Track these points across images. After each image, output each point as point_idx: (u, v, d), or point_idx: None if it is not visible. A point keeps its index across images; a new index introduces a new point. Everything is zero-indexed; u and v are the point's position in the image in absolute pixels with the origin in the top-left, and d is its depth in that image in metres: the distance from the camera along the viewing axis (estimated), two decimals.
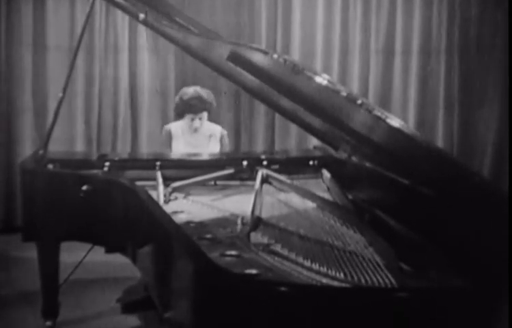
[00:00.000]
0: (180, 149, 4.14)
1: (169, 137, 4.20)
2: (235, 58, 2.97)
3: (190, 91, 4.09)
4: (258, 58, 2.91)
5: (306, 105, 3.00)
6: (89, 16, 3.71)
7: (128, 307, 3.94)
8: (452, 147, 6.11)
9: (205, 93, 4.09)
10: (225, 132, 4.29)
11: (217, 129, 4.25)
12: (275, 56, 2.74)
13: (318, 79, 2.56)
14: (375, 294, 2.02)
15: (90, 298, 4.12)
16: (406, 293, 1.98)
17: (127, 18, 5.58)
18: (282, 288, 1.93)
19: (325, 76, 2.57)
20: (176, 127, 4.21)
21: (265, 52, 2.82)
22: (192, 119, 4.08)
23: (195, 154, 3.99)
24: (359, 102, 2.45)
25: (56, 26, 5.70)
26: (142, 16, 3.30)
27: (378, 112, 2.37)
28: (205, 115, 4.10)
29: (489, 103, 6.10)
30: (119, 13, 5.50)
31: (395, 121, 2.34)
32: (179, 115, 4.16)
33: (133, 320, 3.85)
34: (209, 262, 2.11)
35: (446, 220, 2.31)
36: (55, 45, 5.69)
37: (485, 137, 6.13)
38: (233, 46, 3.00)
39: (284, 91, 3.03)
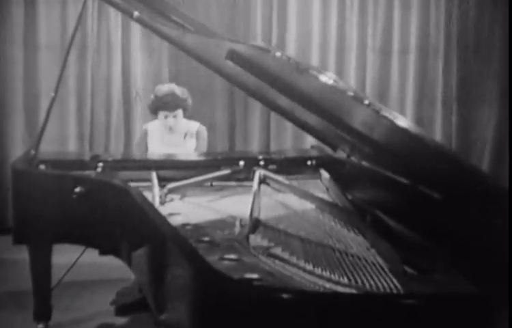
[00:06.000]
0: (156, 148, 4.08)
1: (145, 136, 4.15)
2: (235, 56, 2.89)
3: (165, 88, 4.04)
4: (259, 56, 2.82)
5: (310, 105, 2.92)
6: (82, 14, 3.65)
7: (122, 309, 3.90)
8: (451, 145, 6.08)
9: (179, 90, 4.03)
10: (203, 127, 4.19)
11: (193, 126, 4.17)
12: (278, 54, 2.65)
13: (323, 78, 2.48)
14: (381, 299, 1.96)
15: (83, 301, 4.08)
16: (414, 300, 1.91)
17: (120, 15, 5.54)
18: (285, 295, 1.86)
19: (331, 74, 2.49)
20: (152, 126, 4.16)
21: (267, 50, 2.74)
22: (166, 117, 4.01)
23: (172, 155, 3.92)
24: (366, 102, 2.38)
25: (47, 24, 5.63)
26: (136, 13, 3.24)
27: (386, 113, 2.30)
28: (179, 112, 4.03)
29: (487, 101, 6.08)
30: (112, 11, 5.44)
31: (403, 122, 2.28)
32: (153, 112, 4.09)
33: (127, 322, 3.81)
34: (208, 267, 2.04)
35: (450, 221, 2.26)
36: (47, 44, 5.63)
37: (484, 136, 6.10)
38: (232, 44, 2.92)
39: (287, 91, 2.95)
